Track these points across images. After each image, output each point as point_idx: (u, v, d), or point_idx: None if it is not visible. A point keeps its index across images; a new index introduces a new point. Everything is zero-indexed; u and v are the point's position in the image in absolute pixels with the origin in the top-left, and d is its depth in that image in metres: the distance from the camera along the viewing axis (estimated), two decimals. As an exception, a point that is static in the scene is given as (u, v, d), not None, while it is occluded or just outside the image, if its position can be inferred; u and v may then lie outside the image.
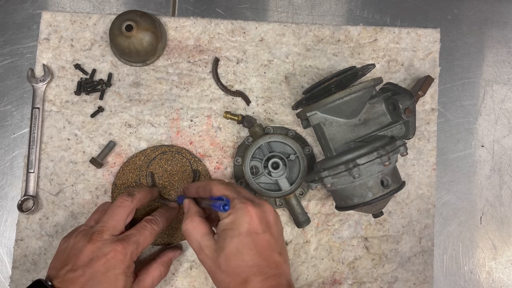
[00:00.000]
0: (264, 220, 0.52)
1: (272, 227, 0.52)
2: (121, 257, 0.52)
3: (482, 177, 0.71)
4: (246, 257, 0.49)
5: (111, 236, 0.53)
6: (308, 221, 0.65)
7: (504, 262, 0.70)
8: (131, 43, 0.63)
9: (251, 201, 0.53)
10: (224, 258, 0.50)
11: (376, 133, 0.60)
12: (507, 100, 0.72)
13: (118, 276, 0.52)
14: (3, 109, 0.69)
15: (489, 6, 0.74)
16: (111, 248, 0.52)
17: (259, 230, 0.51)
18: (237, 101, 0.69)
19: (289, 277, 0.52)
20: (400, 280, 0.68)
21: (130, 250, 0.53)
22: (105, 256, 0.51)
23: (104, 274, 0.51)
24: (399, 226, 0.68)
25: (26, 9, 0.71)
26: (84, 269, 0.51)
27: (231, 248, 0.50)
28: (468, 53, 0.73)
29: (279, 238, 0.53)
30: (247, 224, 0.50)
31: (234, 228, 0.50)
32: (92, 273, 0.51)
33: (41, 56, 0.68)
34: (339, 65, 0.70)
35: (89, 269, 0.51)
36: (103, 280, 0.51)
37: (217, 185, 0.55)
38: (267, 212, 0.53)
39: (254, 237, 0.50)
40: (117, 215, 0.55)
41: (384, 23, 0.73)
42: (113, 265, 0.51)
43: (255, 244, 0.50)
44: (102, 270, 0.51)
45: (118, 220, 0.55)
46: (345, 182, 0.58)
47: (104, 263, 0.51)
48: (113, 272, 0.51)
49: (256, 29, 0.70)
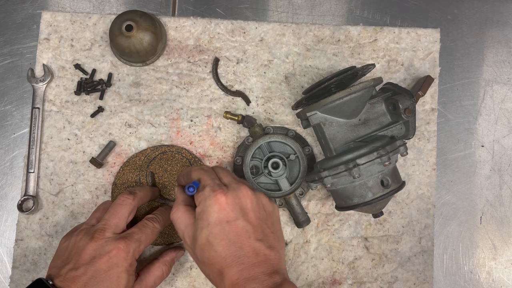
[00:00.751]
0: (238, 206, 0.49)
1: (248, 213, 0.49)
2: (123, 255, 0.52)
3: (482, 177, 0.71)
4: (218, 247, 0.47)
5: (113, 234, 0.53)
6: (308, 221, 0.65)
7: (504, 262, 0.70)
8: (131, 43, 0.63)
9: (224, 187, 0.50)
10: (199, 249, 0.49)
11: (376, 133, 0.60)
12: (507, 100, 0.72)
13: (121, 274, 0.51)
14: (3, 109, 0.69)
15: (489, 6, 0.74)
16: (113, 246, 0.52)
17: (231, 217, 0.48)
18: (237, 101, 0.69)
19: (278, 265, 0.48)
20: (400, 280, 0.68)
21: (133, 248, 0.53)
22: (107, 254, 0.51)
23: (106, 272, 0.50)
24: (399, 226, 0.68)
25: (26, 9, 0.71)
26: (86, 267, 0.50)
27: (202, 239, 0.48)
28: (468, 53, 0.73)
29: (259, 223, 0.50)
30: (216, 213, 0.48)
31: (203, 218, 0.49)
32: (94, 271, 0.50)
33: (41, 56, 0.68)
34: (339, 65, 0.70)
35: (91, 267, 0.50)
36: (106, 279, 0.50)
37: (196, 170, 0.54)
38: (242, 197, 0.50)
39: (225, 226, 0.48)
40: (119, 213, 0.55)
41: (384, 23, 0.73)
42: (115, 263, 0.51)
43: (226, 233, 0.48)
44: (104, 268, 0.50)
45: (120, 218, 0.55)
46: (345, 182, 0.58)
47: (107, 261, 0.51)
48: (115, 270, 0.51)
49: (256, 29, 0.70)
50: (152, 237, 0.56)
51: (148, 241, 0.55)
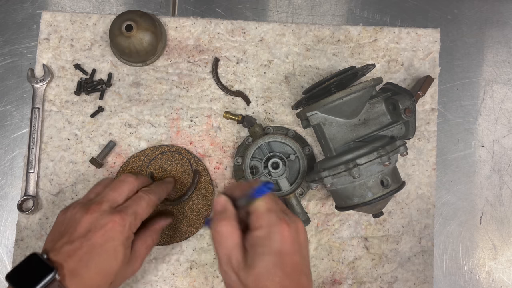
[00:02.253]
0: (297, 241, 0.48)
1: (302, 248, 0.49)
2: (119, 228, 0.50)
3: (482, 177, 0.71)
4: (275, 278, 0.45)
5: (109, 207, 0.52)
6: (308, 221, 0.65)
7: (504, 262, 0.70)
8: (131, 43, 0.63)
9: (286, 217, 0.49)
10: (253, 277, 0.46)
11: (376, 133, 0.60)
12: (507, 100, 0.72)
13: (117, 247, 0.50)
14: (3, 109, 0.69)
15: (489, 6, 0.74)
16: (109, 219, 0.50)
17: (291, 250, 0.47)
18: (237, 101, 0.69)
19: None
20: (400, 280, 0.68)
21: (129, 221, 0.51)
22: (103, 227, 0.50)
23: (102, 246, 0.49)
24: (399, 226, 0.68)
25: (26, 9, 0.71)
26: (81, 241, 0.49)
27: (261, 267, 0.46)
28: (468, 53, 0.73)
29: (307, 259, 0.50)
30: (279, 243, 0.46)
31: (266, 245, 0.47)
32: (90, 245, 0.49)
33: (41, 56, 0.68)
34: (339, 65, 0.70)
35: (87, 241, 0.49)
36: (102, 252, 0.49)
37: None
38: (300, 232, 0.49)
39: (285, 258, 0.46)
40: (119, 188, 0.54)
41: (384, 23, 0.73)
42: (111, 237, 0.50)
43: (286, 265, 0.46)
44: (100, 241, 0.49)
45: (120, 193, 0.54)
46: (345, 182, 0.58)
47: (102, 235, 0.49)
48: (111, 244, 0.50)
49: (256, 29, 0.70)
50: (148, 209, 0.54)
51: (144, 214, 0.54)
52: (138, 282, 0.66)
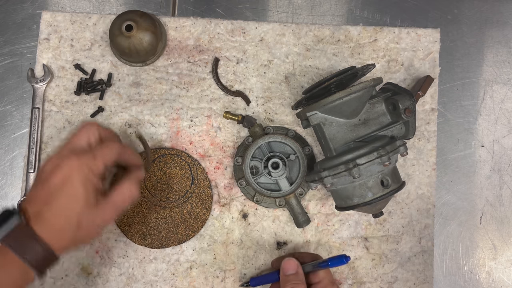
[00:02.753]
0: None
1: None
2: (76, 168, 0.50)
3: (482, 177, 0.71)
4: None
5: (68, 151, 0.52)
6: (308, 221, 0.65)
7: (504, 262, 0.70)
8: (131, 43, 0.63)
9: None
10: None
11: (376, 133, 0.60)
12: (507, 100, 0.72)
13: (76, 187, 0.49)
14: (3, 109, 0.69)
15: (489, 6, 0.74)
16: (66, 161, 0.50)
17: None
18: (237, 101, 0.69)
19: None
20: (400, 280, 0.68)
21: (86, 160, 0.50)
22: (60, 168, 0.50)
23: (61, 187, 0.49)
24: (399, 226, 0.68)
25: (26, 9, 0.71)
26: (43, 184, 0.50)
27: None
28: (468, 53, 0.73)
29: None
30: None
31: None
32: (50, 187, 0.49)
33: (41, 56, 0.68)
34: (339, 65, 0.70)
35: (47, 184, 0.49)
36: (62, 193, 0.49)
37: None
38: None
39: None
40: (79, 133, 0.54)
41: (384, 23, 0.73)
42: (68, 176, 0.49)
43: None
44: (58, 182, 0.49)
45: (79, 138, 0.53)
46: (345, 182, 0.58)
47: (60, 176, 0.49)
48: (70, 184, 0.49)
49: (256, 29, 0.70)
50: (109, 152, 0.53)
51: (105, 157, 0.52)
52: (138, 282, 0.66)
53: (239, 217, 0.67)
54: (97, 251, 0.66)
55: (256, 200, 0.66)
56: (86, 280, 0.65)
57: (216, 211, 0.67)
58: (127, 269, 0.66)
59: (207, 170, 0.68)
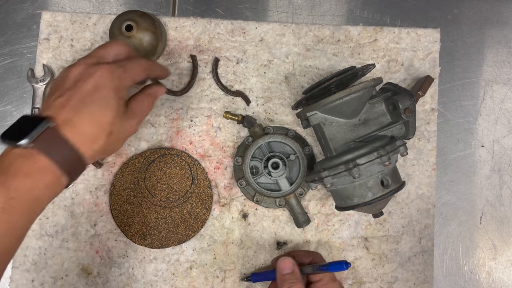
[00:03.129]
0: None
1: None
2: (108, 75, 0.49)
3: (482, 177, 0.71)
4: None
5: (97, 61, 0.51)
6: (308, 221, 0.65)
7: (504, 262, 0.70)
8: (131, 43, 0.63)
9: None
10: None
11: (376, 133, 0.60)
12: (507, 100, 0.72)
13: (108, 94, 0.48)
14: (3, 109, 0.69)
15: (489, 6, 0.74)
16: (96, 69, 0.49)
17: None
18: (237, 101, 0.69)
19: None
20: (400, 280, 0.68)
21: (117, 72, 0.50)
22: (91, 75, 0.48)
23: (92, 94, 0.48)
24: (399, 226, 0.68)
25: (26, 9, 0.71)
26: (71, 91, 0.48)
27: None
28: (468, 53, 0.73)
29: None
30: None
31: None
32: (80, 93, 0.48)
33: (41, 56, 0.68)
34: (339, 65, 0.70)
35: (77, 90, 0.48)
36: (93, 99, 0.48)
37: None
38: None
39: None
40: (108, 46, 0.53)
41: (384, 23, 0.73)
42: (101, 84, 0.48)
43: None
44: (90, 89, 0.48)
45: (108, 51, 0.52)
46: (345, 182, 0.58)
47: (92, 83, 0.48)
48: (102, 92, 0.48)
49: (256, 29, 0.70)
50: (138, 69, 0.53)
51: (134, 71, 0.52)
52: (138, 282, 0.66)
53: (239, 217, 0.67)
54: (97, 251, 0.66)
55: (256, 200, 0.66)
56: (86, 280, 0.65)
57: (216, 211, 0.67)
58: (127, 269, 0.66)
59: (207, 170, 0.68)
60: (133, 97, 0.55)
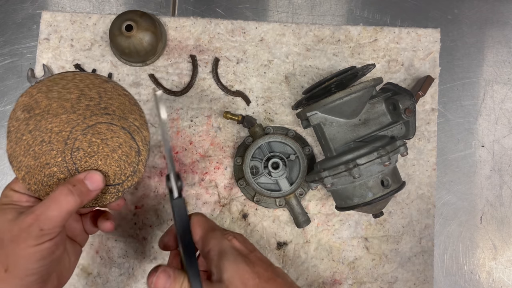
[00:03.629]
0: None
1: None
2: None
3: (482, 177, 0.71)
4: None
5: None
6: (308, 221, 0.65)
7: (504, 262, 0.70)
8: (131, 43, 0.63)
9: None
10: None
11: (376, 133, 0.60)
12: (507, 100, 0.72)
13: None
14: (3, 109, 0.69)
15: (489, 6, 0.74)
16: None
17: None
18: (237, 101, 0.69)
19: None
20: (400, 280, 0.68)
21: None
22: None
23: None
24: (399, 226, 0.68)
25: (26, 9, 0.71)
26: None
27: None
28: (468, 53, 0.73)
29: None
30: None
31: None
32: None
33: (41, 56, 0.68)
34: (339, 65, 0.70)
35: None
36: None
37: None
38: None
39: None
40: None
41: (384, 23, 0.73)
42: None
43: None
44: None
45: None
46: (345, 182, 0.57)
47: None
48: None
49: (256, 29, 0.70)
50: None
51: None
52: (138, 282, 0.66)
53: (239, 217, 0.67)
54: (97, 251, 0.66)
55: (256, 200, 0.66)
56: (86, 280, 0.65)
57: (216, 211, 0.67)
58: (127, 269, 0.66)
59: (207, 170, 0.68)
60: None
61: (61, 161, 0.49)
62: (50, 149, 0.48)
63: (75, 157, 0.49)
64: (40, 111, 0.48)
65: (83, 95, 0.49)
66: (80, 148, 0.49)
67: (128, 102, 0.50)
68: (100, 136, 0.49)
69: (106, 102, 0.49)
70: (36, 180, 0.48)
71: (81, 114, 0.49)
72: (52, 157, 0.48)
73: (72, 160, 0.49)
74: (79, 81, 0.49)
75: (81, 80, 0.49)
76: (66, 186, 0.46)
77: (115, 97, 0.49)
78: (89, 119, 0.49)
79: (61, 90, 0.48)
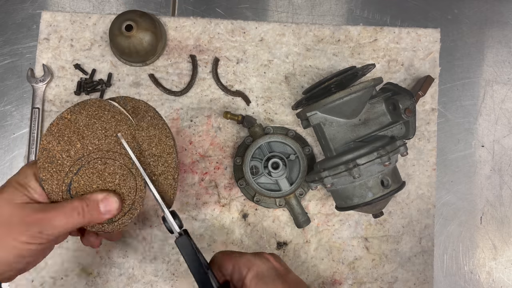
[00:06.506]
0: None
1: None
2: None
3: (482, 177, 0.71)
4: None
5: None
6: (308, 221, 0.65)
7: (504, 262, 0.70)
8: (131, 43, 0.63)
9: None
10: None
11: (376, 133, 0.60)
12: (507, 100, 0.72)
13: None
14: (3, 109, 0.69)
15: (489, 6, 0.74)
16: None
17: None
18: (237, 101, 0.69)
19: None
20: (400, 280, 0.68)
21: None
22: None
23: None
24: (399, 226, 0.68)
25: (26, 9, 0.71)
26: None
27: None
28: (468, 53, 0.73)
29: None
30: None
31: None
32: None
33: (41, 56, 0.68)
34: (339, 65, 0.70)
35: None
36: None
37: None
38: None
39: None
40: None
41: (384, 23, 0.73)
42: None
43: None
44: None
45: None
46: (345, 182, 0.57)
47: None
48: None
49: (256, 29, 0.70)
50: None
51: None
52: (138, 282, 0.66)
53: (239, 217, 0.67)
54: (97, 251, 0.66)
55: (256, 200, 0.66)
56: (86, 280, 0.65)
57: (216, 211, 0.67)
58: (127, 269, 0.66)
59: (207, 170, 0.68)
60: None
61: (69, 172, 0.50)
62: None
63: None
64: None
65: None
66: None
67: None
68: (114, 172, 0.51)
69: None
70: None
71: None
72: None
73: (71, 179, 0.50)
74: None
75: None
76: (81, 203, 0.47)
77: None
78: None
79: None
